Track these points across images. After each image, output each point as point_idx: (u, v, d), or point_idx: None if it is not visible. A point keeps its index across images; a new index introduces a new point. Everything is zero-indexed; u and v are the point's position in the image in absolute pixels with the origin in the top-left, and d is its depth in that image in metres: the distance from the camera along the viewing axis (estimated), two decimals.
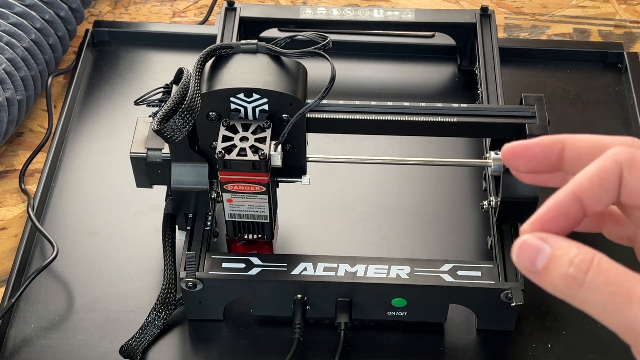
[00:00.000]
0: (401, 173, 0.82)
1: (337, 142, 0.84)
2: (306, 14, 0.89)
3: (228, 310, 0.71)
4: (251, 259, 0.68)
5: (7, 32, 0.83)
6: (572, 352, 0.70)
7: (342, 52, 0.93)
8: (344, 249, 0.76)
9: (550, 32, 0.98)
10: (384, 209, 0.80)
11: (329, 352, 0.69)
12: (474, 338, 0.71)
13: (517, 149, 0.38)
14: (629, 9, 1.01)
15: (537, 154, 0.38)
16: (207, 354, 0.70)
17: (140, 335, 0.69)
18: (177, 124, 0.63)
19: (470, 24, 0.88)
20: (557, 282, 0.34)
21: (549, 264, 0.34)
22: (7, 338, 0.71)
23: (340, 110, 0.67)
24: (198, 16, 1.00)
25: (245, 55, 0.66)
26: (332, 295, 0.68)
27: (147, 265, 0.75)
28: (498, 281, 0.66)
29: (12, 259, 0.76)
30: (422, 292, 0.67)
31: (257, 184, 0.65)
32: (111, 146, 0.85)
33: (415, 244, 0.77)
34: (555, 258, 0.34)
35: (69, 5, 0.91)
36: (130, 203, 0.80)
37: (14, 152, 0.86)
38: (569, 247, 0.34)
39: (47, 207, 0.80)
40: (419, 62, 0.94)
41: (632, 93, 0.89)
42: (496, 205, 0.70)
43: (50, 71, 0.89)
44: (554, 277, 0.34)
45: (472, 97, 0.88)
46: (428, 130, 0.68)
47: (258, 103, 0.64)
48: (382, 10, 0.90)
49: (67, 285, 0.74)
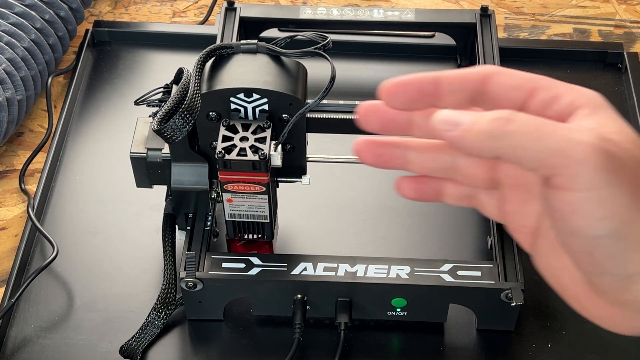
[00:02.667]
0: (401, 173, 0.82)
1: (337, 142, 0.84)
2: (306, 14, 0.89)
3: (228, 310, 0.71)
4: (251, 259, 0.68)
5: (7, 32, 0.83)
6: (572, 352, 0.70)
7: (342, 52, 0.93)
8: (344, 249, 0.76)
9: (550, 32, 0.98)
10: (384, 208, 0.80)
11: (329, 352, 0.69)
12: (474, 338, 0.71)
13: (394, 84, 0.40)
14: (629, 9, 1.01)
15: (410, 89, 0.40)
16: (207, 354, 0.70)
17: (140, 335, 0.69)
18: (177, 124, 0.63)
19: (470, 24, 0.88)
20: (484, 128, 0.35)
21: (475, 118, 0.35)
22: (7, 338, 0.71)
23: (340, 110, 0.67)
24: (198, 16, 1.00)
25: (245, 55, 0.66)
26: (332, 295, 0.68)
27: (147, 265, 0.75)
28: (498, 281, 0.66)
29: (12, 259, 0.76)
30: (422, 292, 0.67)
31: (257, 184, 0.65)
32: (111, 146, 0.85)
33: (415, 244, 0.77)
34: (479, 115, 0.35)
35: (69, 5, 0.91)
36: (130, 203, 0.80)
37: (14, 152, 0.86)
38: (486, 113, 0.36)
39: (47, 207, 0.80)
40: (419, 62, 0.94)
41: (632, 93, 0.89)
42: None
43: (51, 71, 0.89)
44: (481, 126, 0.35)
45: None
46: None
47: (258, 103, 0.64)
48: (382, 10, 0.90)
49: (67, 285, 0.74)
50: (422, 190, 0.44)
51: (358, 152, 0.43)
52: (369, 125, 0.42)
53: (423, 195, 0.44)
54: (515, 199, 0.42)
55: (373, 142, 0.43)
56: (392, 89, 0.39)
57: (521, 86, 0.38)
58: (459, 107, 0.38)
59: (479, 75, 0.38)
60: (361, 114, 0.42)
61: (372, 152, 0.44)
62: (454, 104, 0.39)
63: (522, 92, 0.38)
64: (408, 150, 0.44)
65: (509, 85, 0.38)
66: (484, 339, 0.71)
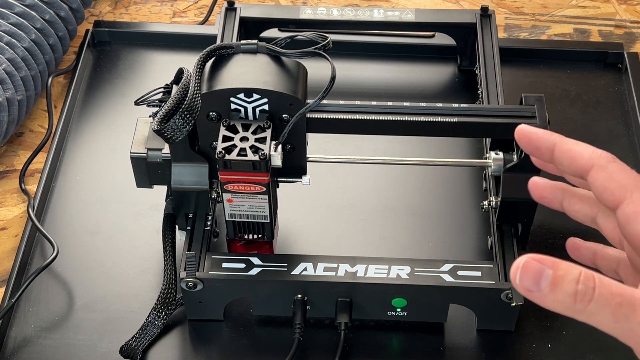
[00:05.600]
0: (401, 173, 0.82)
1: (337, 142, 0.84)
2: (306, 14, 0.89)
3: (228, 310, 0.71)
4: (251, 259, 0.68)
5: (7, 32, 0.83)
6: (572, 352, 0.70)
7: (342, 52, 0.93)
8: (344, 249, 0.76)
9: (550, 32, 0.98)
10: (384, 209, 0.80)
11: (329, 352, 0.69)
12: (474, 338, 0.71)
13: (525, 133, 0.47)
14: (629, 9, 1.01)
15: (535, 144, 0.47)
16: (207, 354, 0.70)
17: (140, 335, 0.69)
18: (177, 124, 0.63)
19: (470, 24, 0.88)
20: (564, 299, 0.37)
21: (555, 283, 0.37)
22: (7, 338, 0.71)
23: (340, 110, 0.67)
24: (198, 16, 1.00)
25: (246, 55, 0.66)
26: (332, 295, 0.68)
27: (147, 265, 0.75)
28: (498, 281, 0.66)
29: (12, 259, 0.76)
30: (422, 292, 0.67)
31: (257, 184, 0.65)
32: (111, 146, 0.85)
33: (415, 244, 0.77)
34: (560, 278, 0.37)
35: (69, 5, 0.91)
36: (130, 203, 0.80)
37: (14, 152, 0.86)
38: (570, 267, 0.37)
39: (47, 207, 0.80)
40: (419, 62, 0.94)
41: (632, 93, 0.89)
42: (496, 205, 0.70)
43: (51, 71, 0.89)
44: (562, 295, 0.37)
45: (472, 97, 0.88)
46: (428, 130, 0.68)
47: (258, 103, 0.64)
48: (382, 10, 0.90)
49: (67, 285, 0.74)
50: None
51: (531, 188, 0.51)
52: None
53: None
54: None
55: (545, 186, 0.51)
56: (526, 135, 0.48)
57: (612, 192, 0.42)
58: None
59: (585, 165, 0.44)
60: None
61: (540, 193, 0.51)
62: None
63: (612, 197, 0.42)
64: (565, 196, 0.50)
65: (600, 186, 0.43)
66: (484, 339, 0.71)
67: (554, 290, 0.37)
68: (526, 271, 0.37)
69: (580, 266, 0.38)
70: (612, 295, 0.36)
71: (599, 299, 0.36)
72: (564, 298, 0.37)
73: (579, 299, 0.37)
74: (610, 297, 0.36)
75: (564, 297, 0.37)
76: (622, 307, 0.36)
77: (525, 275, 0.37)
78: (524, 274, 0.37)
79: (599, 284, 0.37)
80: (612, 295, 0.36)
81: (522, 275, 0.37)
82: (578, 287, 0.37)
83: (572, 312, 0.37)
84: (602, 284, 0.37)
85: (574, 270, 0.37)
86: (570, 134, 0.43)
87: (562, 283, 0.37)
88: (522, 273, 0.37)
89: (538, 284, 0.37)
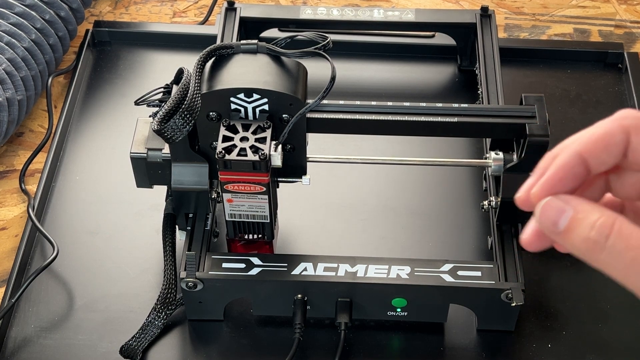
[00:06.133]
0: (401, 173, 0.82)
1: (337, 142, 0.84)
2: (306, 14, 0.89)
3: (228, 310, 0.71)
4: (251, 259, 0.68)
5: (7, 32, 0.83)
6: (572, 352, 0.70)
7: (342, 52, 0.93)
8: (344, 249, 0.76)
9: (550, 32, 0.98)
10: (384, 209, 0.80)
11: (329, 352, 0.69)
12: (474, 338, 0.71)
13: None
14: (629, 9, 1.01)
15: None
16: (207, 354, 0.70)
17: (140, 335, 0.69)
18: (177, 124, 0.63)
19: (470, 24, 0.88)
20: (578, 244, 0.35)
21: (571, 225, 0.35)
22: (7, 338, 0.71)
23: (340, 110, 0.67)
24: (198, 16, 1.00)
25: (246, 55, 0.66)
26: (332, 295, 0.68)
27: (147, 265, 0.75)
28: (498, 281, 0.66)
29: (12, 259, 0.76)
30: (422, 292, 0.67)
31: (257, 184, 0.65)
32: (111, 146, 0.85)
33: (415, 244, 0.77)
34: (577, 220, 0.35)
35: (70, 5, 0.91)
36: (130, 203, 0.80)
37: (14, 152, 0.86)
38: (591, 210, 0.35)
39: (47, 207, 0.80)
40: (419, 62, 0.94)
41: (632, 93, 0.89)
42: (496, 205, 0.70)
43: (51, 71, 0.89)
44: (576, 239, 0.35)
45: (472, 97, 0.88)
46: (428, 130, 0.68)
47: (258, 103, 0.64)
48: (382, 10, 0.90)
49: (67, 285, 0.74)
50: None
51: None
52: None
53: None
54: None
55: None
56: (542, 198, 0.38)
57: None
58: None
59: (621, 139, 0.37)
60: None
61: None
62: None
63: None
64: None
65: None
66: (484, 339, 0.71)
67: (569, 233, 0.35)
68: (546, 210, 0.36)
69: (607, 211, 0.35)
70: (626, 248, 0.34)
71: (612, 250, 0.34)
72: (578, 243, 0.35)
73: (590, 247, 0.34)
74: (624, 250, 0.34)
75: (579, 241, 0.35)
76: (635, 262, 0.34)
77: (545, 214, 0.36)
78: (543, 213, 0.36)
79: (616, 234, 0.34)
80: (626, 248, 0.34)
81: (542, 214, 0.36)
82: (591, 234, 0.34)
83: (587, 258, 0.35)
84: (620, 234, 0.34)
85: (593, 215, 0.35)
86: (570, 134, 0.39)
87: (578, 227, 0.35)
88: (542, 211, 0.36)
89: (557, 224, 0.35)
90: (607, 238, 0.34)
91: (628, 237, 0.34)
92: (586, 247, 0.35)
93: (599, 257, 0.35)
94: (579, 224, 0.35)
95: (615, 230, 0.34)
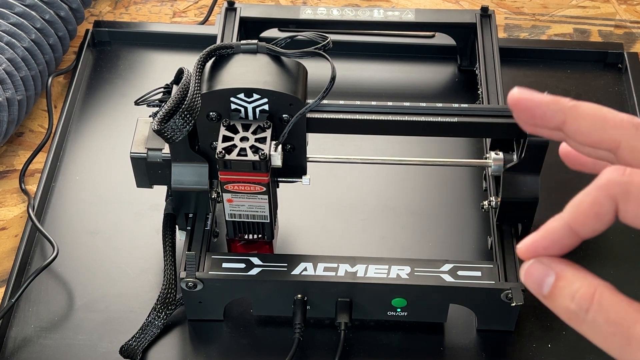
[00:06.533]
0: (401, 173, 0.82)
1: (337, 142, 0.84)
2: (306, 14, 0.89)
3: (228, 310, 0.71)
4: (251, 259, 0.68)
5: (7, 32, 0.83)
6: (572, 352, 0.70)
7: (342, 52, 0.93)
8: (344, 249, 0.76)
9: (550, 32, 0.98)
10: (384, 209, 0.80)
11: (329, 352, 0.69)
12: (474, 338, 0.71)
13: (523, 102, 0.38)
14: (629, 9, 1.01)
15: (537, 114, 0.38)
16: (207, 354, 0.70)
17: (140, 335, 0.69)
18: (177, 124, 0.63)
19: (470, 24, 0.88)
20: (560, 312, 0.35)
21: (553, 292, 0.35)
22: (7, 338, 0.71)
23: (341, 110, 0.67)
24: (198, 16, 1.00)
25: (246, 55, 0.66)
26: (332, 295, 0.68)
27: (147, 265, 0.75)
28: (498, 281, 0.66)
29: (12, 259, 0.76)
30: (422, 292, 0.67)
31: (257, 184, 0.65)
32: (111, 146, 0.85)
33: (415, 244, 0.77)
34: (559, 289, 0.35)
35: (69, 5, 0.91)
36: (130, 203, 0.80)
37: (14, 152, 0.86)
38: (573, 279, 0.35)
39: (47, 207, 0.80)
40: (419, 62, 0.94)
41: (632, 93, 0.89)
42: (496, 205, 0.70)
43: (51, 71, 0.89)
44: (557, 307, 0.35)
45: (472, 97, 0.88)
46: (428, 130, 0.68)
47: (258, 103, 0.64)
48: (382, 10, 0.90)
49: (67, 285, 0.74)
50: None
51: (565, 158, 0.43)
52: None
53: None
54: None
55: None
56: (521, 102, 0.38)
57: None
58: None
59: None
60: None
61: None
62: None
63: None
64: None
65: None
66: (484, 339, 0.71)
67: (552, 300, 0.35)
68: (530, 273, 0.36)
69: (590, 277, 0.35)
70: (607, 323, 0.34)
71: (592, 323, 0.34)
72: (560, 312, 0.35)
73: (570, 317, 0.35)
74: (603, 324, 0.34)
75: (560, 310, 0.35)
76: (615, 338, 0.34)
77: (529, 277, 0.36)
78: (528, 276, 0.36)
79: (596, 306, 0.34)
80: (607, 322, 0.34)
81: (526, 276, 0.36)
82: (571, 306, 0.34)
83: (570, 324, 0.36)
84: (600, 307, 0.34)
85: (574, 285, 0.35)
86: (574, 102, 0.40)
87: (559, 296, 0.35)
88: (527, 274, 0.36)
89: (541, 287, 0.36)
90: (586, 312, 0.34)
91: (607, 310, 0.34)
92: (567, 317, 0.35)
93: (580, 328, 0.35)
94: (560, 292, 0.35)
95: (595, 303, 0.34)
